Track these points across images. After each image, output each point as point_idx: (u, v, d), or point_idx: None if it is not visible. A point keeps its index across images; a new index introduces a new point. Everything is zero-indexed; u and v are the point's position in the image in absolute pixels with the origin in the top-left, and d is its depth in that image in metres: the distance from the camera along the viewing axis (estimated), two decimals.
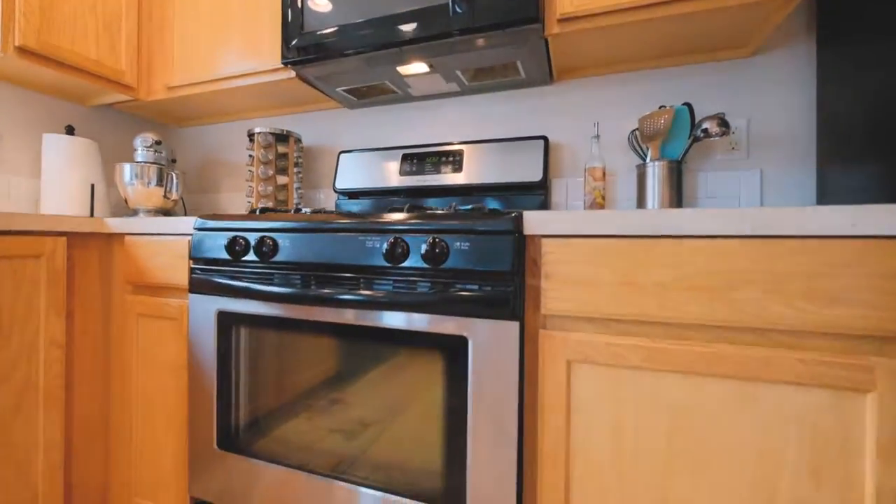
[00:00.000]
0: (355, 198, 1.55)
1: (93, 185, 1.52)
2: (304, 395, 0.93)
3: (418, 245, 0.81)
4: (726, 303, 0.65)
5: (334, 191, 1.55)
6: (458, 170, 1.39)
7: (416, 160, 1.46)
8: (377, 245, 0.84)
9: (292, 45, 1.29)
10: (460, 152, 1.41)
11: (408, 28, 1.15)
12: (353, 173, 1.53)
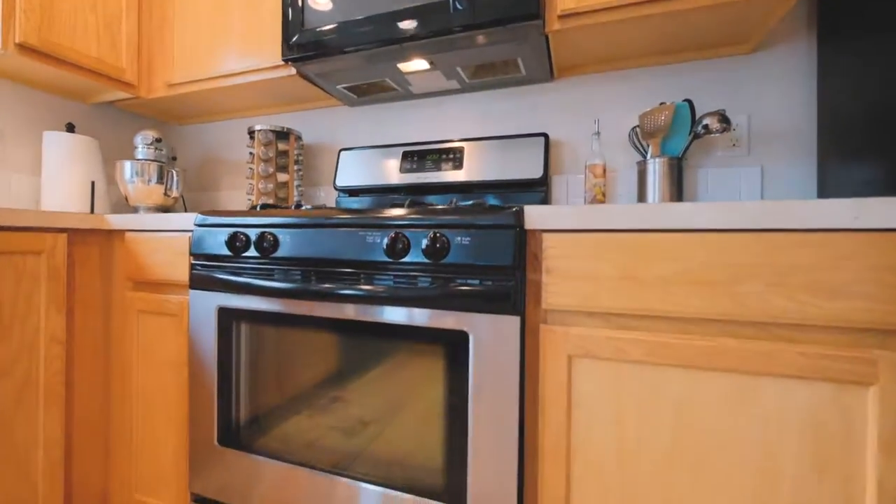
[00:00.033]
0: (356, 195, 1.55)
1: (93, 183, 1.52)
2: (304, 392, 0.93)
3: (419, 240, 0.81)
4: (728, 296, 0.65)
5: (335, 188, 1.55)
6: (459, 167, 1.39)
7: (416, 157, 1.45)
8: (378, 240, 0.84)
9: (293, 42, 1.29)
10: (461, 149, 1.41)
11: (408, 24, 1.15)
12: (353, 171, 1.53)
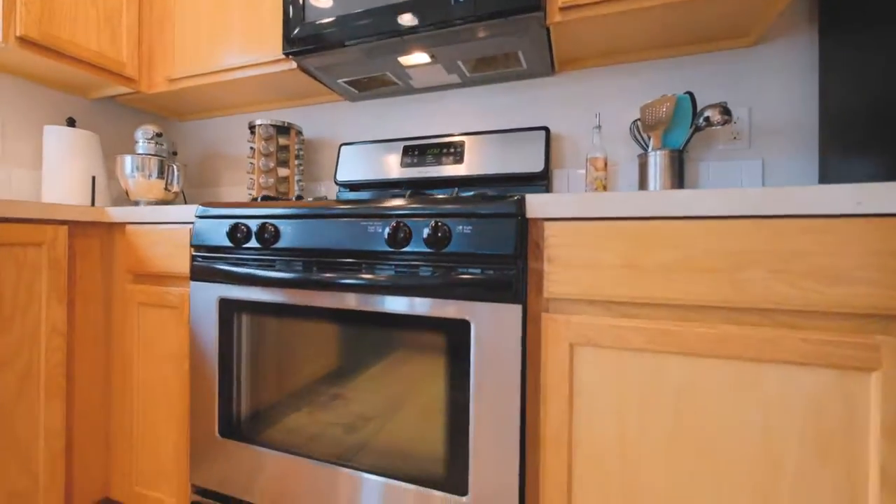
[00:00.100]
0: (356, 190, 1.55)
1: (94, 177, 1.52)
2: (306, 383, 0.93)
3: (420, 229, 0.81)
4: (730, 283, 0.65)
5: (335, 183, 1.55)
6: (460, 161, 1.39)
7: (417, 152, 1.45)
8: (379, 230, 0.84)
9: (293, 35, 1.29)
10: (461, 144, 1.41)
11: (409, 17, 1.15)
12: (354, 165, 1.53)
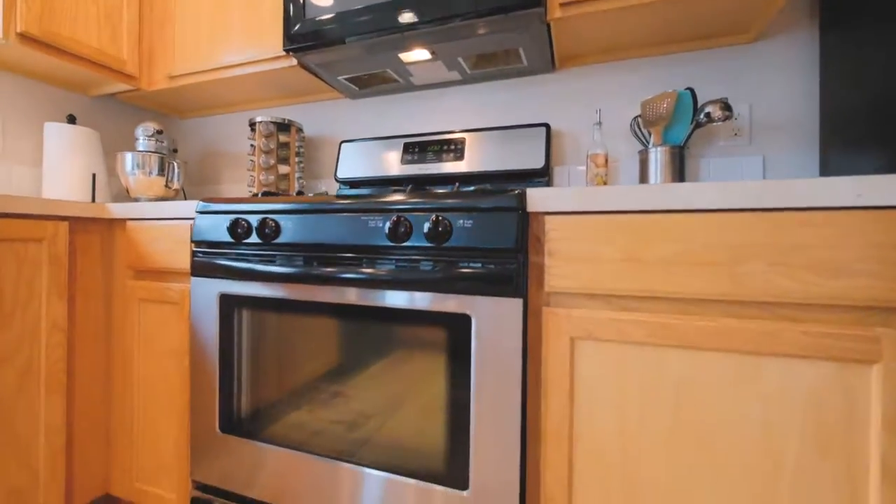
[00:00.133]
0: (357, 187, 1.55)
1: (94, 174, 1.52)
2: (307, 378, 0.93)
3: (421, 224, 0.81)
4: (730, 277, 0.65)
5: (335, 180, 1.55)
6: (460, 158, 1.39)
7: (417, 149, 1.45)
8: (380, 225, 0.84)
9: (294, 32, 1.29)
10: (462, 140, 1.41)
11: (409, 13, 1.15)
12: (354, 162, 1.53)
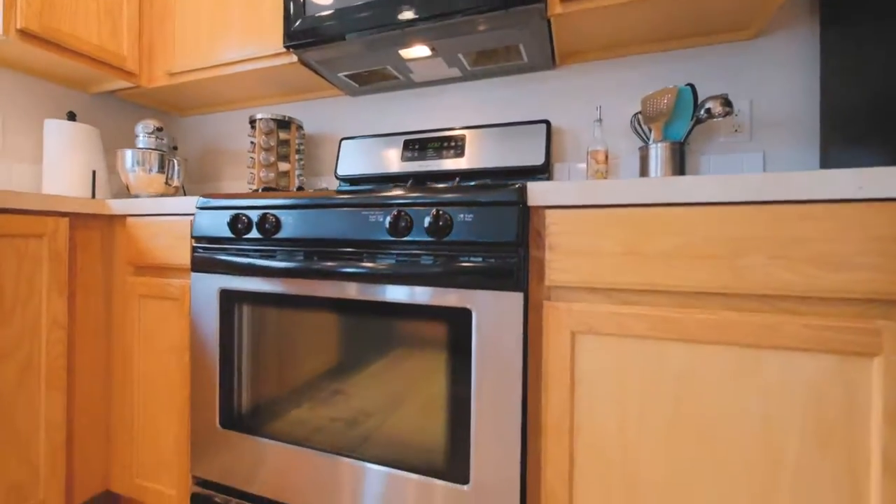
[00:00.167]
0: (357, 184, 1.55)
1: (94, 171, 1.52)
2: (307, 374, 0.93)
3: (422, 218, 0.81)
4: (730, 270, 0.65)
5: (336, 177, 1.55)
6: (460, 155, 1.39)
7: (417, 146, 1.45)
8: (380, 219, 0.84)
9: (294, 28, 1.29)
10: (462, 137, 1.41)
11: (409, 9, 1.15)
12: (354, 160, 1.53)
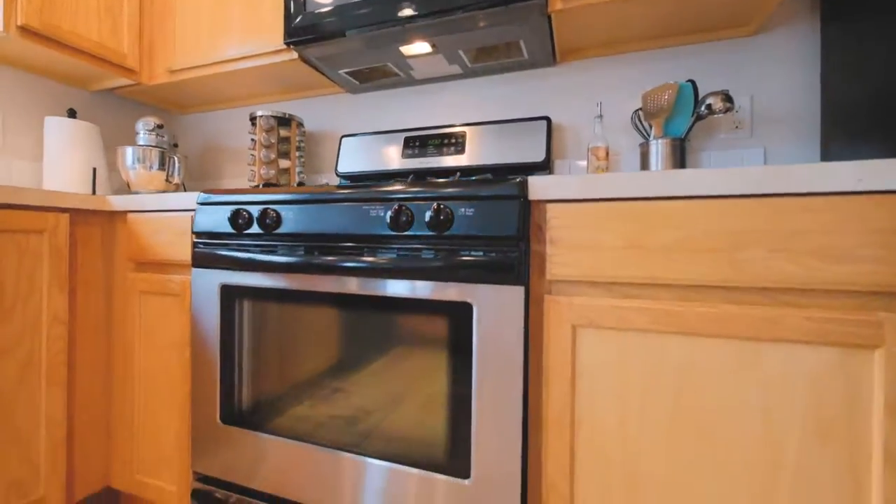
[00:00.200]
0: (357, 181, 1.54)
1: (94, 169, 1.52)
2: (308, 368, 0.93)
3: (422, 212, 0.81)
4: (731, 263, 0.65)
5: (336, 174, 1.55)
6: (461, 152, 1.39)
7: (418, 143, 1.45)
8: (381, 213, 0.84)
9: (294, 25, 1.29)
10: (462, 134, 1.41)
11: (409, 5, 1.15)
12: (355, 157, 1.53)
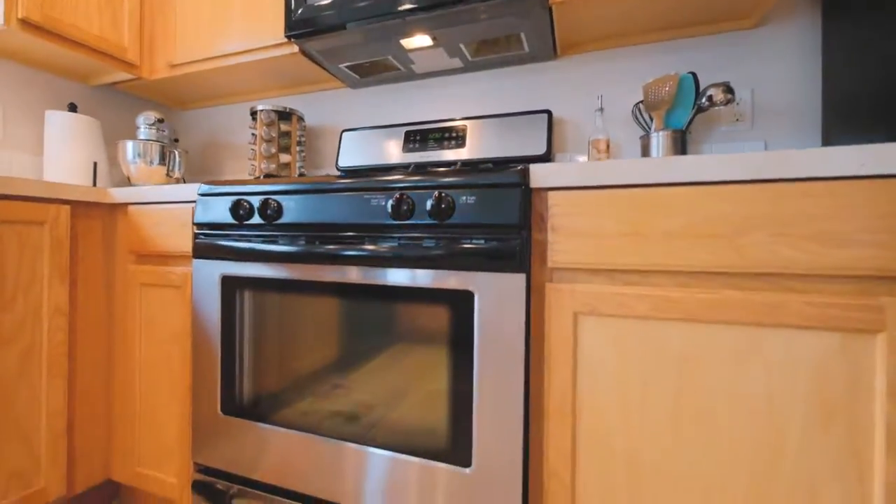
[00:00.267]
0: (358, 176, 1.54)
1: (95, 163, 1.52)
2: (309, 359, 0.93)
3: (424, 201, 0.81)
4: (732, 249, 0.65)
5: (337, 169, 1.55)
6: (462, 145, 1.39)
7: (419, 137, 1.45)
8: (382, 203, 0.84)
9: (295, 18, 1.29)
10: (463, 128, 1.41)
11: None
12: (355, 151, 1.53)
